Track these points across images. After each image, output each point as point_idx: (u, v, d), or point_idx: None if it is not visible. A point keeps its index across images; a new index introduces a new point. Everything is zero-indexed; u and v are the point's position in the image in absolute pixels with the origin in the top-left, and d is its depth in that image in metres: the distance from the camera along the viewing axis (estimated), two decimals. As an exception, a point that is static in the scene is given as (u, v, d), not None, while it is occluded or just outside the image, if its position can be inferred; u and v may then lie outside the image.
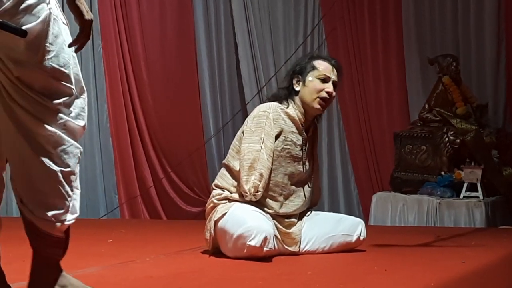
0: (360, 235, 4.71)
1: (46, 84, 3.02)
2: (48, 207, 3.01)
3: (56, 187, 2.99)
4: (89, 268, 4.05)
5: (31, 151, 3.03)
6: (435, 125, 6.88)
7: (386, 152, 7.28)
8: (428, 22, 7.41)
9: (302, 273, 4.13)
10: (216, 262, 4.26)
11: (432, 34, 7.45)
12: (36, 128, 3.02)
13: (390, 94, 7.55)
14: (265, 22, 7.48)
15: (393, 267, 4.30)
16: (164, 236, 5.61)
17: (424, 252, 4.94)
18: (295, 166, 4.62)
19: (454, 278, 3.97)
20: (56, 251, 3.09)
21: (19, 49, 2.98)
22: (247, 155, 4.22)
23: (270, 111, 4.32)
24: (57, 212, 3.00)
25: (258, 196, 4.15)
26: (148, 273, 4.08)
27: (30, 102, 3.00)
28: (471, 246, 5.14)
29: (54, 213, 3.00)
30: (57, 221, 3.00)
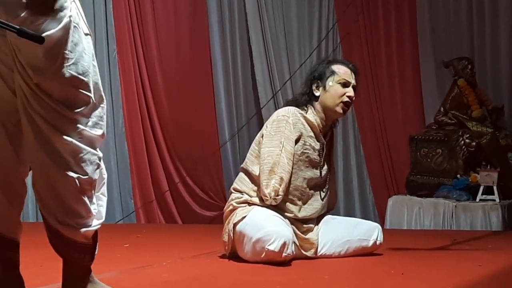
0: (377, 240, 4.71)
1: (64, 92, 3.02)
2: (70, 213, 3.01)
3: (76, 194, 2.99)
4: (106, 273, 3.98)
5: (49, 159, 3.03)
6: (450, 128, 6.85)
7: (402, 155, 7.24)
8: (443, 25, 7.39)
9: (319, 277, 4.12)
10: (233, 266, 4.23)
11: (447, 37, 7.42)
12: (53, 136, 3.01)
13: (405, 98, 7.56)
14: (279, 26, 7.49)
15: (410, 270, 4.27)
16: (180, 241, 5.60)
17: (440, 255, 4.93)
18: (313, 170, 4.61)
19: (471, 282, 3.93)
20: (82, 257, 3.11)
21: (38, 56, 2.97)
22: (267, 159, 4.21)
23: (289, 115, 4.31)
24: (79, 218, 3.01)
25: (278, 200, 4.13)
26: (164, 278, 4.07)
27: (48, 110, 3.00)
28: (488, 249, 5.12)
29: (76, 219, 3.01)
30: (80, 227, 3.01)
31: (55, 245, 3.13)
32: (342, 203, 7.49)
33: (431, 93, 7.40)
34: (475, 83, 6.80)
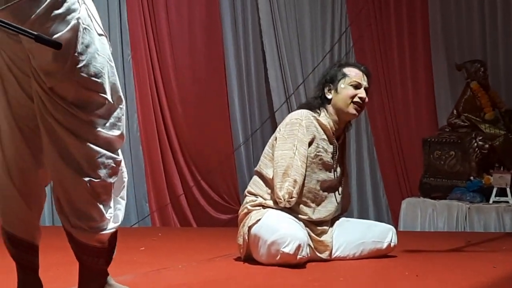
0: (391, 242, 4.72)
1: (78, 95, 3.02)
2: (82, 216, 3.03)
3: (88, 197, 3.01)
4: (123, 275, 3.99)
5: (63, 162, 3.04)
6: (463, 130, 6.87)
7: (415, 158, 7.26)
8: (455, 27, 7.42)
9: (334, 279, 4.11)
10: (248, 268, 4.24)
11: (460, 39, 7.44)
12: (68, 139, 3.03)
13: (418, 100, 7.55)
14: (292, 30, 7.51)
15: (424, 272, 4.30)
16: (195, 243, 5.60)
17: (454, 257, 4.93)
18: (326, 173, 4.61)
19: (485, 283, 3.92)
20: (96, 260, 3.12)
21: (48, 60, 2.99)
22: (280, 162, 4.21)
23: (302, 118, 4.32)
24: (91, 222, 3.02)
25: (292, 202, 4.14)
26: (180, 280, 4.09)
27: (63, 114, 3.01)
28: (502, 250, 5.11)
29: (89, 222, 3.02)
30: (93, 230, 3.03)
31: (72, 248, 3.13)
32: (356, 205, 7.51)
33: (444, 95, 7.41)
34: (488, 86, 6.80)
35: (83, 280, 3.24)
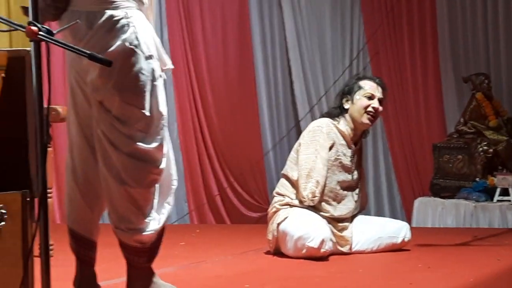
0: (405, 237, 4.76)
1: (120, 110, 3.09)
2: (122, 219, 3.12)
3: (126, 203, 3.08)
4: (166, 268, 4.07)
5: (106, 169, 3.14)
6: (469, 136, 6.82)
7: (426, 161, 7.24)
8: (462, 43, 7.33)
9: (354, 271, 4.20)
10: (277, 261, 4.31)
11: (466, 54, 7.36)
12: (110, 150, 3.11)
13: (428, 110, 7.51)
14: (315, 47, 7.53)
15: (436, 264, 4.43)
16: (230, 239, 5.67)
17: (462, 250, 4.99)
18: (345, 174, 4.65)
19: (491, 274, 4.03)
20: (137, 259, 3.19)
21: (95, 75, 3.07)
22: (304, 165, 4.26)
23: (323, 125, 4.36)
24: (130, 224, 3.10)
25: (315, 201, 4.21)
26: (217, 272, 4.16)
27: (107, 126, 3.10)
28: (505, 245, 5.13)
29: (127, 225, 3.11)
30: (131, 232, 3.11)
31: (121, 250, 3.24)
32: (373, 204, 7.37)
33: (451, 105, 7.38)
34: (491, 96, 6.75)
35: (130, 277, 3.30)
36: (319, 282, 3.96)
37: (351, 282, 4.00)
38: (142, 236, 3.13)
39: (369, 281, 4.04)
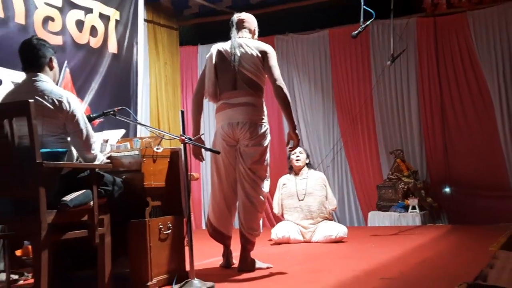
0: (340, 234, 5.05)
1: (260, 173, 3.46)
2: (251, 227, 3.46)
3: (256, 219, 3.45)
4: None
5: (246, 199, 3.42)
6: (394, 180, 6.91)
7: (373, 192, 7.18)
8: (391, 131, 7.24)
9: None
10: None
11: (391, 136, 7.32)
12: (249, 190, 3.41)
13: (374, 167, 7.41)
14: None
15: (379, 244, 4.70)
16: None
17: (394, 237, 5.25)
18: None
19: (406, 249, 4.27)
20: (250, 247, 3.50)
21: (256, 156, 3.43)
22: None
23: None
24: (255, 231, 3.48)
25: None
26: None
27: (251, 179, 3.44)
28: (414, 234, 5.49)
29: (254, 231, 3.48)
30: (255, 234, 3.48)
31: (240, 241, 3.46)
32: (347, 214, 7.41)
33: (384, 166, 7.30)
34: (404, 160, 7.10)
35: (244, 257, 3.49)
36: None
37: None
38: (258, 235, 3.48)
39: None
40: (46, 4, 5.11)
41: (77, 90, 5.38)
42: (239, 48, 3.47)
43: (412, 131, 7.28)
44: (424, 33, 7.16)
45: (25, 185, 2.42)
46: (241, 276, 3.34)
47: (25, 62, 2.79)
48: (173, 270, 3.18)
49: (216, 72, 3.50)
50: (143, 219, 3.03)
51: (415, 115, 7.20)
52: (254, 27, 3.67)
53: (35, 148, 2.40)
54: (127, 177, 3.03)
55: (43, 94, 2.67)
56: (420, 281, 2.99)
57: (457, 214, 6.80)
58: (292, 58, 7.80)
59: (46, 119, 2.65)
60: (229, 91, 3.46)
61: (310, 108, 7.71)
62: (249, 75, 3.43)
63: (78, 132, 2.75)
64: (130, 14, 6.33)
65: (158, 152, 3.13)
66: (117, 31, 6.09)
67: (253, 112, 3.45)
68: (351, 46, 7.35)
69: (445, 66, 7.07)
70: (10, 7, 4.68)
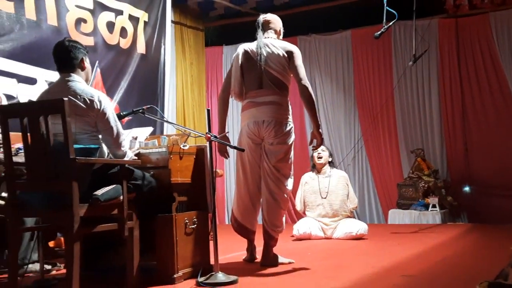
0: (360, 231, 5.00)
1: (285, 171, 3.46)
2: (274, 224, 3.46)
3: (279, 216, 3.45)
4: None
5: (270, 196, 3.43)
6: (415, 179, 6.78)
7: (394, 191, 7.09)
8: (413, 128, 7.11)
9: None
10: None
11: (411, 134, 7.19)
12: (273, 187, 3.43)
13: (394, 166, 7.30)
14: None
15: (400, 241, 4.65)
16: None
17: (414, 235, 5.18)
18: None
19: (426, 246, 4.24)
20: (273, 243, 3.51)
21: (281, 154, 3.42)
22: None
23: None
24: (278, 228, 3.49)
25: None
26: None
27: (275, 176, 3.44)
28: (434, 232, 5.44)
29: (277, 228, 3.49)
30: (278, 230, 3.49)
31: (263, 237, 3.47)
32: (367, 211, 7.35)
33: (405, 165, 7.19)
34: (425, 159, 6.90)
35: (267, 252, 3.51)
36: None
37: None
38: (281, 231, 3.50)
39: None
40: (77, 6, 5.23)
41: (107, 89, 5.49)
42: (265, 47, 3.48)
43: (433, 130, 7.22)
44: (446, 34, 7.11)
45: (59, 179, 2.48)
46: (264, 270, 3.35)
47: (58, 63, 2.85)
48: (198, 264, 3.20)
49: (242, 71, 3.52)
50: (169, 214, 3.05)
51: (436, 115, 7.17)
52: (279, 27, 3.67)
53: (69, 144, 2.46)
54: (155, 173, 3.06)
55: (76, 94, 2.72)
56: (440, 279, 2.97)
57: (477, 213, 6.72)
58: (314, 58, 7.77)
59: (79, 117, 2.70)
60: (255, 90, 3.47)
61: (331, 108, 7.70)
62: (275, 74, 3.43)
63: (109, 130, 2.80)
64: (158, 15, 6.41)
65: (184, 149, 3.14)
66: (146, 32, 6.17)
67: (279, 111, 3.44)
68: (373, 46, 7.31)
69: (466, 66, 7.02)
70: (42, 10, 4.82)
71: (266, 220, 3.42)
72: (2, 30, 4.37)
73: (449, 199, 6.77)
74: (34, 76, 4.68)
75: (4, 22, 4.48)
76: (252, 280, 3.04)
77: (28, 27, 4.65)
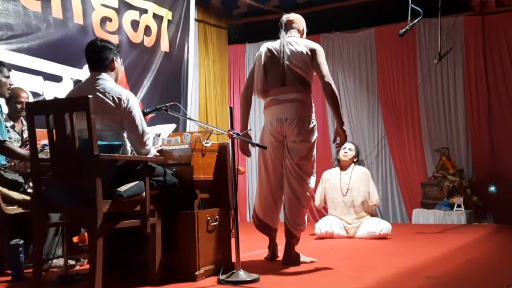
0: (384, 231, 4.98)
1: (307, 169, 3.42)
2: (296, 223, 3.41)
3: (301, 214, 3.40)
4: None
5: (292, 193, 3.38)
6: (439, 178, 6.75)
7: (418, 190, 7.06)
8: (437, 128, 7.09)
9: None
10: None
11: (435, 134, 7.14)
12: (295, 185, 3.38)
13: (418, 166, 7.23)
14: None
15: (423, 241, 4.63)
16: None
17: (437, 235, 5.14)
18: None
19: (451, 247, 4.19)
20: (295, 242, 3.47)
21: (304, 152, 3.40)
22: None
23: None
24: (301, 226, 3.45)
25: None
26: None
27: (297, 174, 3.39)
28: (459, 232, 5.40)
29: (299, 226, 3.44)
30: (300, 229, 3.45)
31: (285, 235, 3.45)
32: (390, 210, 7.29)
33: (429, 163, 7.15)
34: (449, 158, 6.87)
35: (289, 250, 3.47)
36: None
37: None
38: (303, 230, 3.46)
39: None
40: (103, 5, 5.31)
41: (131, 87, 5.57)
42: (288, 45, 3.48)
43: (458, 129, 7.17)
44: (472, 32, 7.04)
45: (83, 175, 2.51)
46: (286, 269, 3.33)
47: (89, 62, 2.92)
48: (220, 261, 3.19)
49: (265, 69, 3.51)
50: (191, 211, 3.04)
51: (461, 113, 7.13)
52: (302, 27, 3.66)
53: (93, 141, 2.48)
54: (177, 170, 3.06)
55: (104, 92, 2.78)
56: (466, 280, 2.93)
57: (503, 213, 6.64)
58: (337, 56, 7.74)
59: (106, 115, 2.74)
60: (278, 87, 3.46)
61: (355, 105, 7.66)
62: (298, 71, 3.42)
63: (134, 128, 2.83)
64: (182, 14, 6.48)
65: (207, 146, 3.14)
66: (169, 31, 6.23)
67: (302, 108, 3.42)
68: (397, 44, 7.25)
69: (492, 64, 6.94)
70: (69, 9, 4.93)
71: (288, 218, 3.40)
72: (29, 29, 4.52)
73: (475, 199, 6.72)
74: (59, 74, 4.78)
75: (31, 21, 4.59)
76: (273, 278, 3.03)
77: (54, 25, 4.76)
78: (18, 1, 4.43)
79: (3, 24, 4.31)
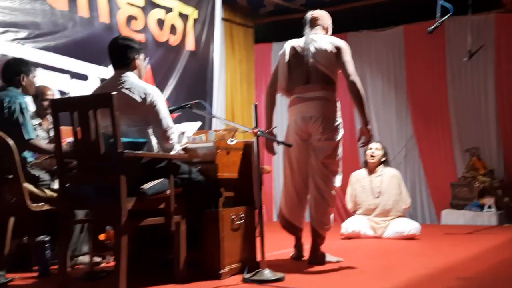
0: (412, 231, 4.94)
1: (333, 168, 3.43)
2: (321, 222, 3.41)
3: (327, 214, 3.40)
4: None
5: (317, 193, 3.38)
6: (469, 179, 6.72)
7: (447, 190, 6.96)
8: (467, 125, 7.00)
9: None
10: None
11: (467, 134, 7.07)
12: (321, 185, 3.37)
13: (447, 166, 7.16)
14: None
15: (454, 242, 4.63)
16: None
17: (468, 236, 5.12)
18: None
19: (483, 248, 4.16)
20: (320, 241, 3.47)
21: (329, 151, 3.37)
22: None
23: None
24: (326, 225, 3.44)
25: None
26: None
27: (323, 174, 3.39)
28: (490, 233, 5.32)
29: (324, 225, 3.44)
30: (325, 228, 3.45)
31: (311, 234, 3.45)
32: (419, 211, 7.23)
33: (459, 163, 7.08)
34: (480, 158, 6.85)
35: (315, 250, 3.48)
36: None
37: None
38: (328, 229, 3.46)
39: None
40: (129, 4, 5.35)
41: (157, 85, 5.41)
42: (313, 43, 3.45)
43: (488, 129, 7.08)
44: (503, 29, 6.91)
45: (107, 172, 2.51)
46: (311, 268, 3.32)
47: (112, 61, 2.94)
48: (245, 260, 3.19)
49: (289, 67, 3.49)
50: (216, 209, 3.05)
51: (492, 113, 7.04)
52: (327, 24, 3.62)
53: (117, 138, 2.48)
54: (202, 168, 3.07)
55: (130, 88, 2.79)
56: (498, 282, 2.88)
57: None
58: (365, 54, 7.65)
59: (131, 110, 2.75)
60: (302, 85, 3.44)
61: (382, 104, 7.62)
62: (323, 69, 3.40)
63: (158, 122, 2.82)
64: (208, 13, 6.49)
65: (231, 145, 3.14)
66: (195, 29, 6.26)
67: (326, 107, 3.39)
68: (426, 42, 7.13)
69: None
70: (95, 8, 5.00)
71: (314, 218, 3.39)
72: (56, 27, 4.62)
73: (506, 200, 6.66)
74: (86, 72, 4.84)
75: (58, 20, 4.68)
76: (299, 277, 3.01)
77: (80, 24, 4.84)
78: (45, 0, 4.50)
79: (30, 22, 4.38)
